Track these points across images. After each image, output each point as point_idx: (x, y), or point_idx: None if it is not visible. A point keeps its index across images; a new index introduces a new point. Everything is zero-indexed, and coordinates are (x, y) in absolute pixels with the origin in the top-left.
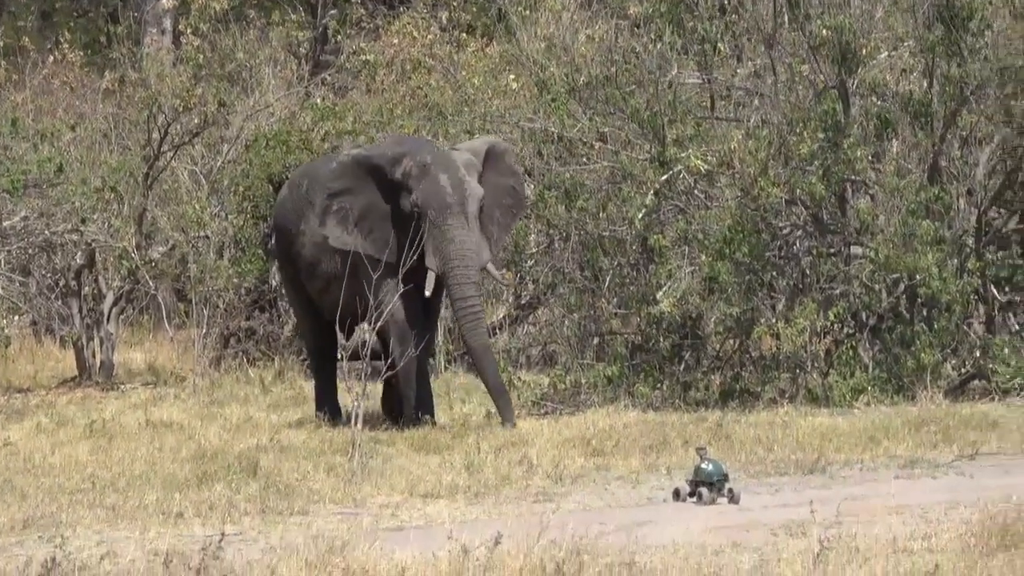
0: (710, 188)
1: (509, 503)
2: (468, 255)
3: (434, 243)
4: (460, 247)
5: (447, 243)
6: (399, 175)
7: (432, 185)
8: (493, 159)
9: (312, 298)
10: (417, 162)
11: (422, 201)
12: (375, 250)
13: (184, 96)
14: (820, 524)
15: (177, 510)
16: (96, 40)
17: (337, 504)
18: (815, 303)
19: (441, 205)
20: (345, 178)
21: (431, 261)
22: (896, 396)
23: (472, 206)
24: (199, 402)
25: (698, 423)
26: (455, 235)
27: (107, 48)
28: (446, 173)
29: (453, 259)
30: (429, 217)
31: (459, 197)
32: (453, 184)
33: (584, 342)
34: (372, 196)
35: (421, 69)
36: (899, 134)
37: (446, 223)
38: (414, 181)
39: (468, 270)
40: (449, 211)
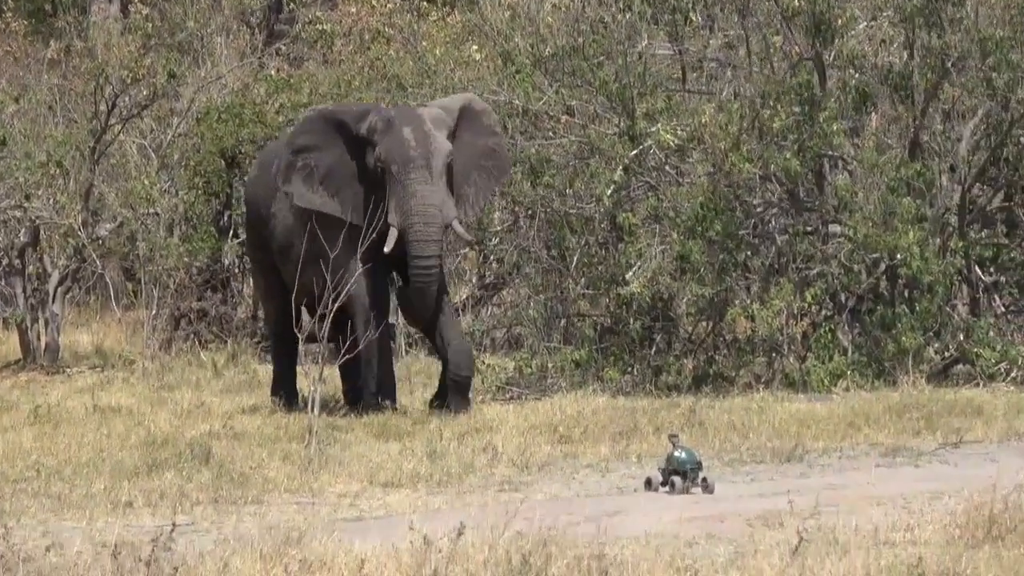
0: (681, 164)
1: (473, 492)
2: (430, 211)
3: (396, 199)
4: (421, 202)
5: (408, 197)
6: (364, 131)
7: (395, 139)
8: (469, 118)
9: (284, 282)
10: (382, 117)
11: (385, 156)
12: (342, 211)
13: (132, 67)
14: (798, 515)
15: (126, 499)
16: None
17: (293, 493)
18: (791, 284)
19: (404, 159)
20: (311, 134)
21: (392, 217)
22: (876, 381)
23: (437, 160)
24: (149, 386)
25: (670, 409)
26: (417, 189)
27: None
28: (410, 127)
29: (413, 214)
30: (392, 172)
31: (423, 151)
32: (417, 138)
33: (551, 324)
34: (338, 153)
35: (380, 39)
36: (878, 108)
37: (408, 177)
38: (379, 136)
39: (429, 227)
40: (412, 164)
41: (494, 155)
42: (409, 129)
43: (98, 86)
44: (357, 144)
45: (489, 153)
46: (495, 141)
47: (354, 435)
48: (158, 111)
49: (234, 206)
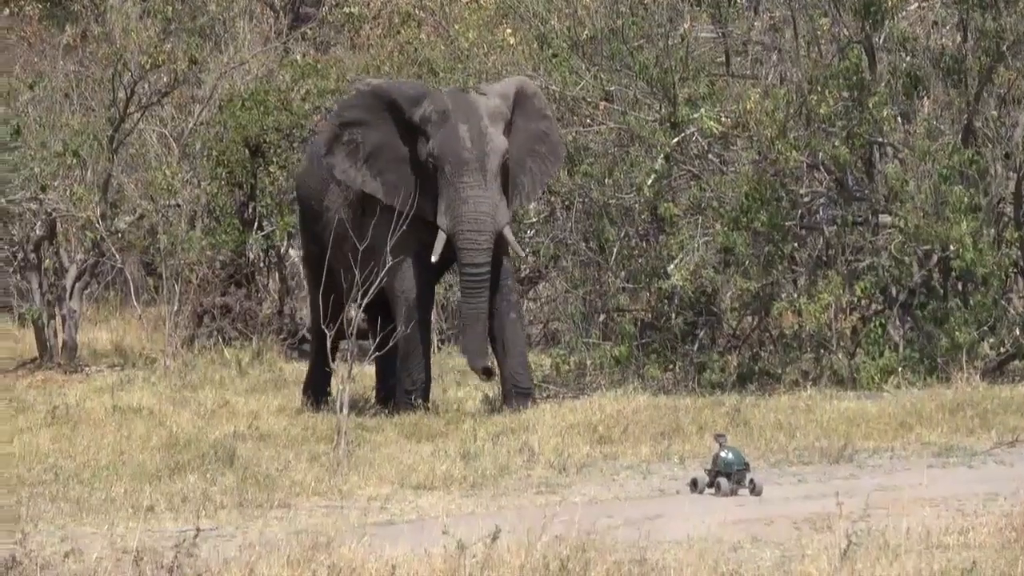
0: (725, 151)
1: (509, 495)
2: (482, 218)
3: (447, 201)
4: (474, 208)
5: (460, 203)
6: (418, 118)
7: (450, 135)
8: (522, 102)
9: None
10: (437, 107)
11: (438, 153)
12: (383, 193)
13: (152, 52)
14: (847, 517)
15: (147, 503)
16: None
17: (321, 496)
18: (840, 277)
19: (458, 160)
20: (360, 108)
21: (442, 220)
22: (929, 378)
23: (493, 162)
24: (170, 386)
25: (713, 408)
26: (469, 195)
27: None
28: (466, 123)
29: (465, 221)
30: (444, 171)
31: (478, 151)
32: (473, 136)
33: (589, 320)
34: (387, 133)
35: (410, 22)
36: (930, 93)
37: (461, 180)
38: (432, 128)
39: (480, 235)
40: (466, 167)
41: (547, 140)
42: (465, 127)
43: (116, 72)
44: (408, 128)
45: (542, 137)
46: (546, 125)
47: (384, 436)
48: (179, 98)
49: (258, 197)
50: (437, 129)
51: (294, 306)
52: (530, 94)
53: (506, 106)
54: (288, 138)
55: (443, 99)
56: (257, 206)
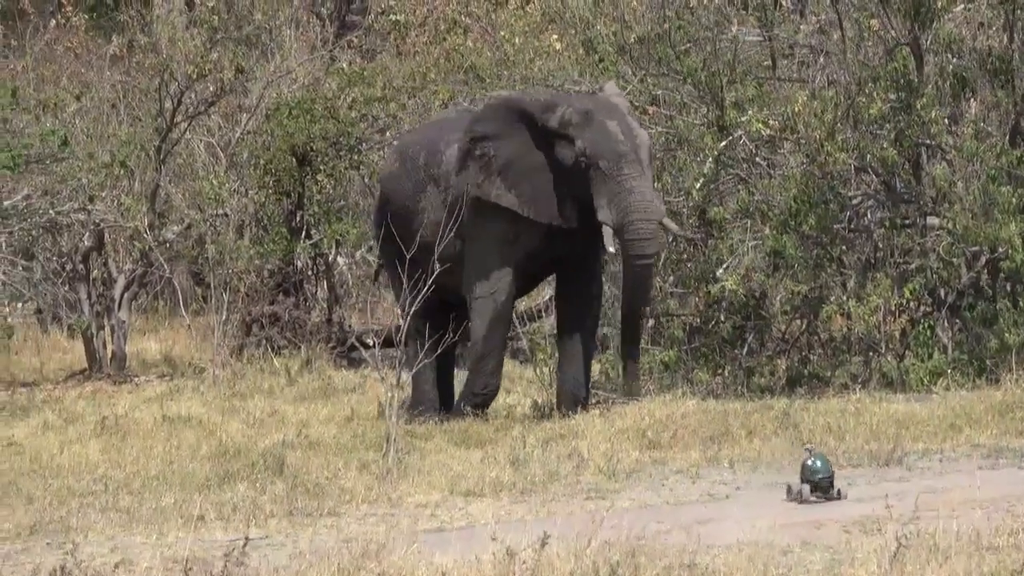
0: (773, 155)
1: (558, 501)
2: (651, 207)
3: (608, 195)
4: (640, 198)
5: (626, 194)
6: (555, 123)
7: (600, 132)
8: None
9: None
10: (577, 109)
11: (591, 150)
12: (519, 205)
13: (198, 62)
14: (896, 520)
15: (197, 513)
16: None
17: (371, 504)
18: (889, 279)
19: (614, 153)
20: (491, 122)
21: (605, 214)
22: (978, 379)
23: (645, 154)
24: (220, 395)
25: (762, 411)
26: (634, 185)
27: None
28: (613, 119)
29: (634, 211)
30: (600, 167)
31: (632, 144)
32: (624, 131)
33: None
34: (520, 144)
35: (456, 29)
36: (977, 94)
37: (622, 172)
38: (576, 129)
39: (650, 224)
40: (624, 159)
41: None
42: (614, 122)
43: (163, 82)
44: (544, 136)
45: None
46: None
47: (434, 443)
48: (225, 108)
49: (306, 206)
50: (583, 129)
51: (343, 314)
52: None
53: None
54: (335, 146)
55: (581, 101)
56: (305, 214)
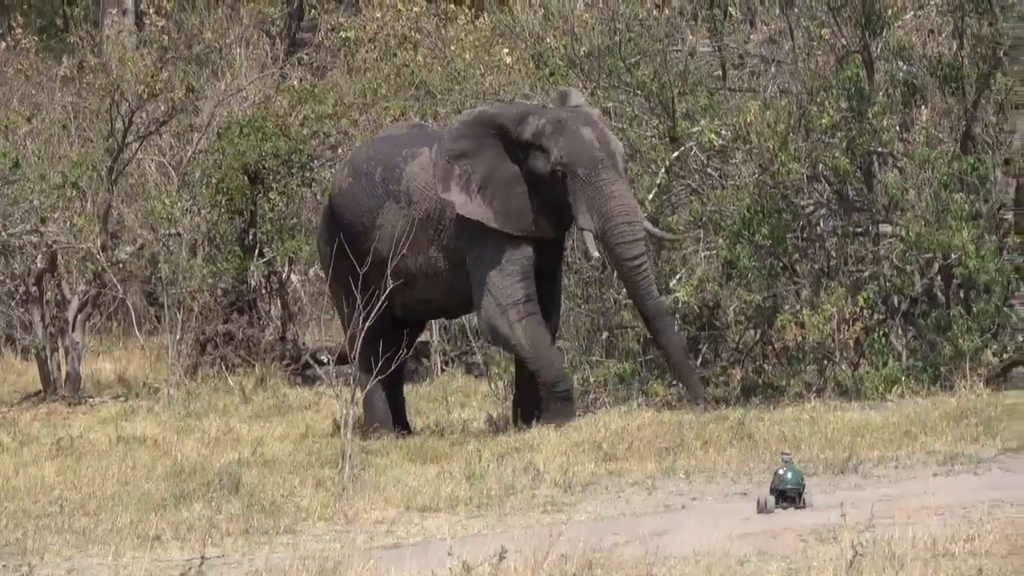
0: (725, 165)
1: (514, 515)
2: (631, 210)
3: (587, 201)
4: (621, 201)
5: (607, 199)
6: (528, 134)
7: (575, 140)
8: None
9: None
10: (550, 119)
11: (568, 158)
12: (494, 219)
13: (149, 82)
14: (853, 528)
15: (153, 533)
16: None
17: (327, 521)
18: (842, 288)
19: (591, 160)
20: (466, 139)
21: (586, 221)
22: (933, 386)
23: (620, 160)
24: (174, 415)
25: (718, 422)
26: (613, 190)
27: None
28: (587, 127)
29: (616, 215)
30: (578, 175)
31: (607, 151)
32: (599, 138)
33: (592, 337)
34: (494, 158)
35: (406, 45)
36: (928, 101)
37: (600, 178)
38: (550, 139)
39: (634, 226)
40: (601, 165)
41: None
42: (588, 129)
43: (114, 103)
44: (517, 149)
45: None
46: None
47: (389, 459)
48: (177, 127)
49: (258, 224)
50: (557, 139)
51: (297, 332)
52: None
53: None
54: (287, 164)
55: (553, 112)
56: (257, 232)
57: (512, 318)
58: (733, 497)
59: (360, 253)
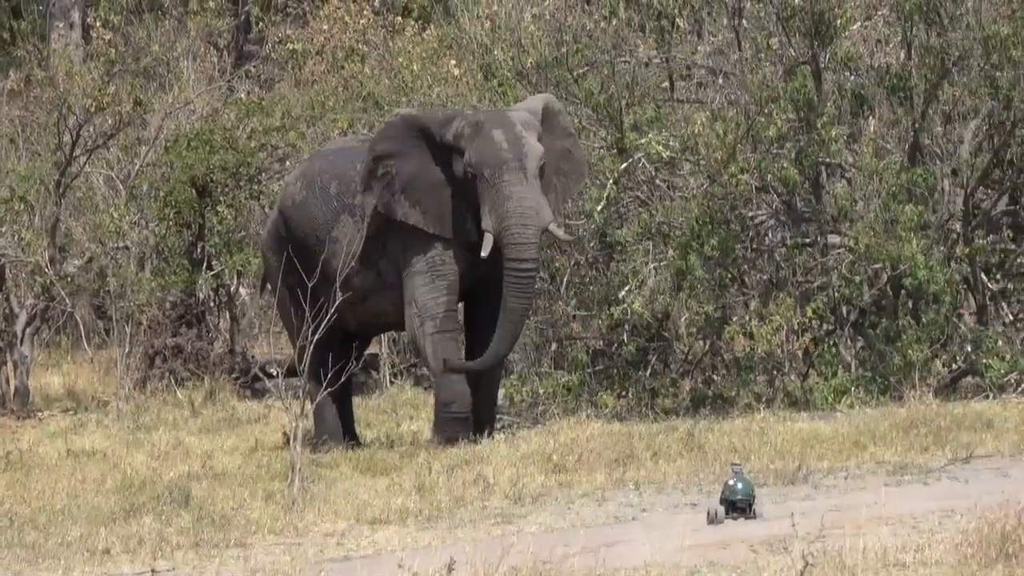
0: (673, 176)
1: (464, 527)
2: (528, 212)
3: (490, 202)
4: (518, 204)
5: (504, 200)
6: (450, 137)
7: (486, 142)
8: (548, 119)
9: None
10: (469, 121)
11: (476, 160)
12: (424, 222)
13: (96, 95)
14: (803, 538)
15: (103, 546)
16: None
17: (277, 535)
18: (791, 298)
19: (497, 161)
20: (392, 140)
21: (487, 222)
22: (882, 396)
23: (531, 163)
24: (124, 428)
25: (668, 433)
26: (512, 191)
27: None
28: (501, 129)
29: (510, 216)
30: (484, 176)
31: (516, 152)
32: (509, 140)
33: (541, 349)
34: (421, 161)
35: (354, 57)
36: (876, 111)
37: (502, 179)
38: (466, 141)
39: (526, 228)
40: (506, 167)
41: (570, 157)
42: (500, 131)
43: (61, 116)
44: (442, 151)
45: (566, 155)
46: (571, 142)
47: (339, 472)
48: (124, 140)
49: (207, 237)
50: (472, 141)
51: (245, 344)
52: (555, 111)
53: (535, 119)
54: (235, 177)
55: (474, 115)
56: (206, 246)
57: (427, 331)
58: (683, 508)
59: (311, 266)
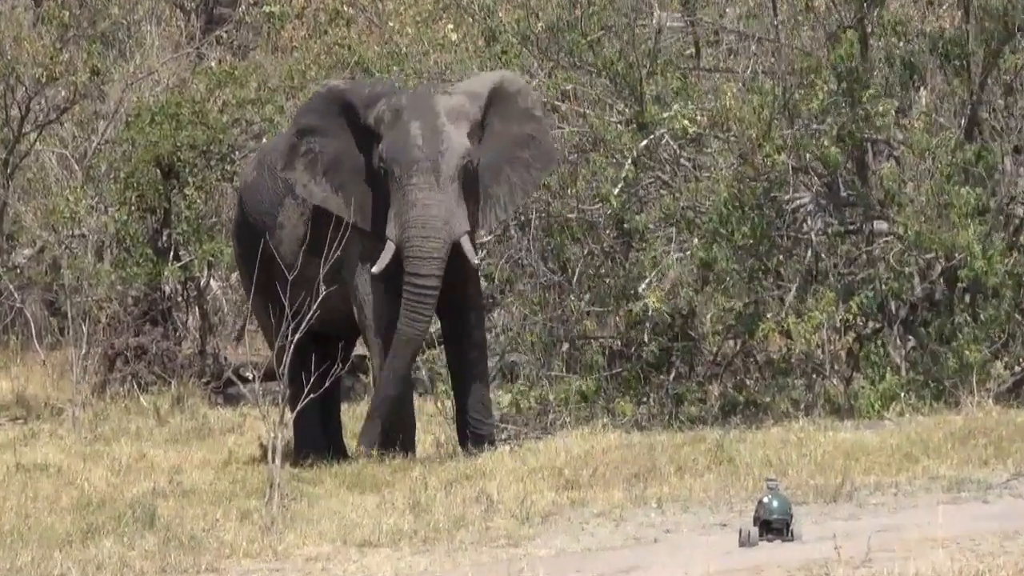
0: (699, 155)
1: (465, 550)
2: (432, 222)
3: (396, 207)
4: (422, 212)
5: (409, 207)
6: (372, 120)
7: (400, 135)
8: (500, 102)
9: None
10: (391, 106)
11: (387, 155)
12: (346, 210)
13: (48, 63)
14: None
15: (59, 572)
16: None
17: (253, 559)
18: (833, 292)
19: (407, 160)
20: (315, 114)
21: (390, 229)
22: (936, 403)
23: (448, 163)
24: (80, 439)
25: (694, 444)
26: (418, 197)
27: None
28: (419, 120)
29: (412, 227)
30: (394, 175)
31: (431, 151)
32: (426, 134)
33: (551, 350)
34: (344, 141)
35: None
36: (928, 82)
37: (410, 182)
38: (384, 129)
39: (428, 241)
40: (416, 167)
41: (532, 143)
42: (418, 124)
43: (8, 88)
44: (364, 135)
45: (525, 141)
46: (533, 126)
47: (323, 488)
48: (80, 115)
49: (173, 223)
50: (388, 130)
51: (217, 345)
52: (511, 92)
53: (474, 105)
54: (205, 155)
55: (400, 98)
56: (173, 233)
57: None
58: (712, 529)
59: (267, 256)
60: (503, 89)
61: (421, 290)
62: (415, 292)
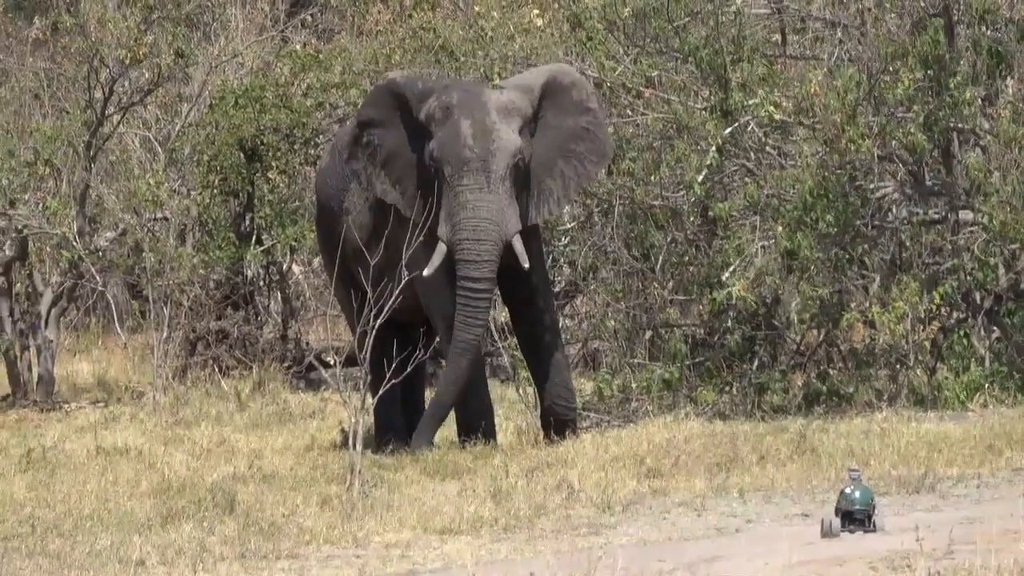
0: (785, 143)
1: (546, 538)
2: (483, 225)
3: (446, 207)
4: (473, 214)
5: (460, 208)
6: (423, 116)
7: (451, 133)
8: (554, 95)
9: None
10: (442, 102)
11: (438, 153)
12: (403, 203)
13: (132, 46)
14: (929, 555)
15: (137, 557)
16: None
17: (333, 545)
18: (917, 282)
19: (458, 159)
20: (376, 107)
21: (441, 229)
22: (1020, 394)
23: (499, 162)
24: (161, 423)
25: (776, 434)
26: (469, 199)
27: None
28: (470, 119)
29: (463, 229)
30: (445, 174)
31: (482, 150)
32: (476, 133)
33: (634, 337)
34: (399, 135)
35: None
36: (1016, 70)
37: (461, 183)
38: (435, 126)
39: (480, 244)
40: (467, 167)
41: (587, 136)
42: (469, 122)
43: (92, 69)
44: (417, 130)
45: (580, 135)
46: (588, 120)
47: (404, 474)
48: (164, 97)
49: (256, 207)
50: (439, 127)
51: (299, 329)
52: (565, 85)
53: (526, 100)
54: (288, 139)
55: (451, 93)
56: (255, 217)
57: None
58: (793, 519)
59: (338, 242)
60: (557, 82)
61: (475, 293)
62: (469, 295)
